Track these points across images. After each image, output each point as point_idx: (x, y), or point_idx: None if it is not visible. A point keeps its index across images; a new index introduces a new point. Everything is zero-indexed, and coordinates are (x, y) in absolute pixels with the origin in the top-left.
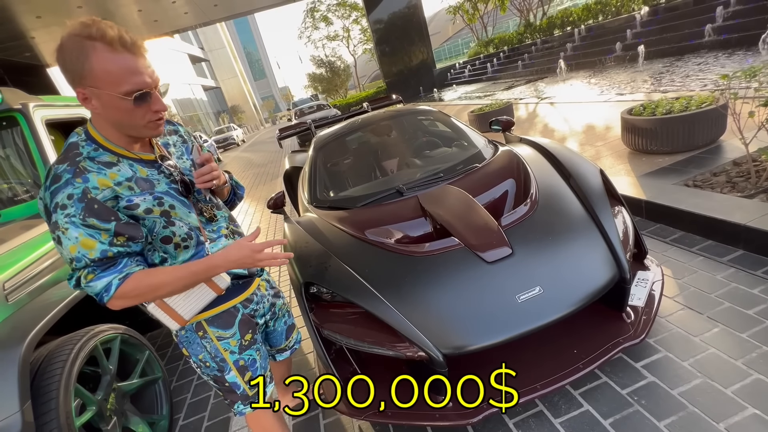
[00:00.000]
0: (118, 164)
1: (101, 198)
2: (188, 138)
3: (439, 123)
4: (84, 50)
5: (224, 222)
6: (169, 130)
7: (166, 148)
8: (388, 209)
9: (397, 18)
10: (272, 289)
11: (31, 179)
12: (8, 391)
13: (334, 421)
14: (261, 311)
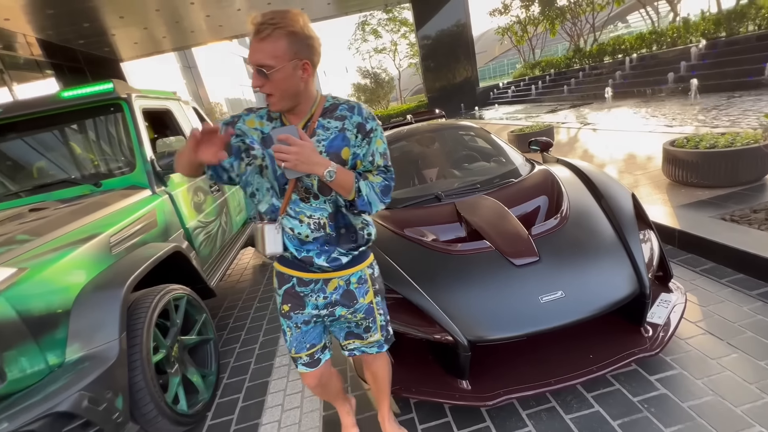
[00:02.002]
0: (270, 121)
1: (236, 124)
2: (350, 127)
3: (479, 139)
4: None
5: (316, 211)
6: (337, 115)
7: (320, 128)
8: (426, 212)
9: (444, 35)
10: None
11: (128, 157)
12: (112, 322)
13: (361, 395)
14: (313, 301)
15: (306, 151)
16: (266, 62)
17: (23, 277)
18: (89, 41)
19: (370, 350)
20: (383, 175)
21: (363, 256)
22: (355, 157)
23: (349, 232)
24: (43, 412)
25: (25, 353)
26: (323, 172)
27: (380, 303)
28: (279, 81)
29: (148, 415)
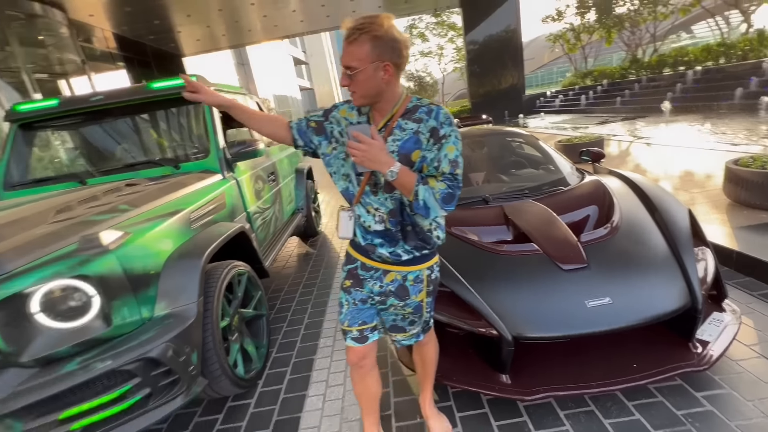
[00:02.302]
0: (359, 114)
1: (331, 114)
2: (424, 131)
3: (529, 146)
4: None
5: (380, 205)
6: (415, 117)
7: (398, 128)
8: (472, 213)
9: (493, 40)
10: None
11: (203, 144)
12: (192, 286)
13: (401, 380)
14: (370, 286)
15: (373, 149)
16: (351, 64)
17: (128, 240)
18: (158, 37)
19: (409, 341)
20: (448, 182)
21: (425, 258)
22: (423, 161)
23: (417, 230)
24: (138, 356)
25: (126, 305)
26: (386, 170)
27: (430, 303)
28: (361, 81)
29: (214, 372)
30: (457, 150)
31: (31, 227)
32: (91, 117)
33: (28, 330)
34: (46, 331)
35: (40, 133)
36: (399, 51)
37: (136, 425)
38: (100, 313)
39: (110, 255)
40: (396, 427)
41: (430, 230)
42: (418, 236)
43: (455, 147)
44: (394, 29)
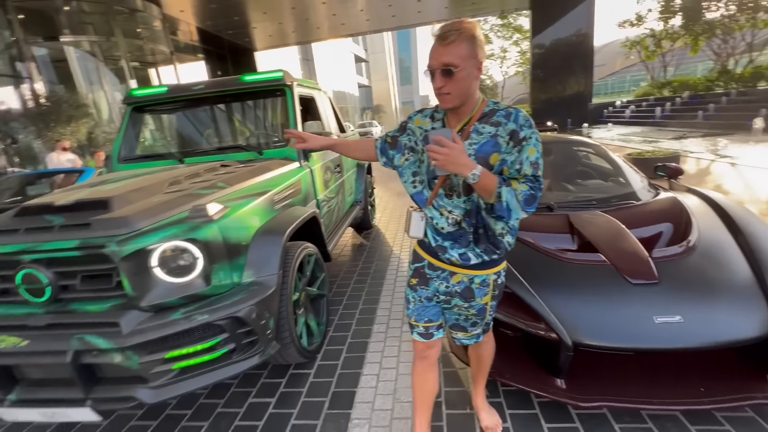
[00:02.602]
0: (434, 122)
1: (407, 124)
2: (503, 134)
3: (598, 157)
4: None
5: (455, 208)
6: (492, 121)
7: (475, 132)
8: (536, 218)
9: (561, 45)
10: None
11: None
12: (275, 260)
13: (452, 372)
14: (436, 285)
15: (455, 153)
16: (454, 62)
17: (227, 213)
18: (235, 32)
19: (469, 341)
20: (530, 184)
21: (494, 263)
22: (503, 164)
23: (488, 234)
24: (228, 314)
25: (222, 269)
26: (468, 173)
27: (494, 306)
28: (461, 80)
29: (285, 339)
30: (537, 152)
31: (151, 195)
32: (192, 104)
33: (148, 280)
34: (161, 283)
35: (148, 116)
36: (485, 51)
37: (220, 374)
38: (202, 273)
39: (214, 225)
40: (446, 414)
41: (501, 234)
42: (489, 240)
43: (536, 149)
44: (481, 32)
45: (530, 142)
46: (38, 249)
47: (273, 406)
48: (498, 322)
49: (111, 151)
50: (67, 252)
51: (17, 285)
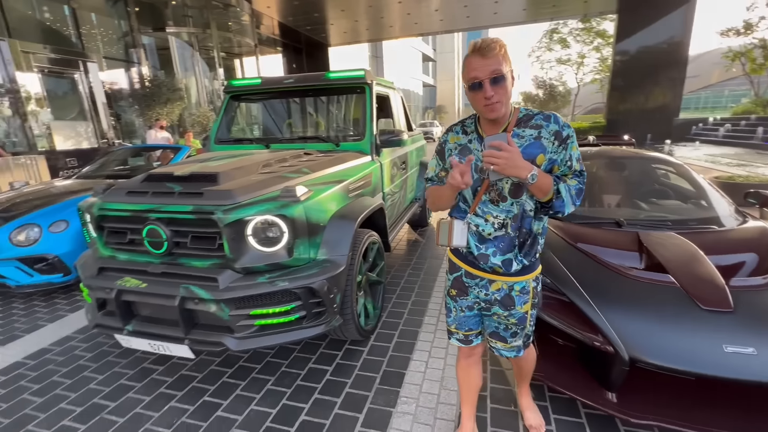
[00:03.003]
0: (467, 135)
1: (445, 147)
2: (547, 136)
3: (678, 177)
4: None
5: (501, 213)
6: (532, 124)
7: (515, 136)
8: (602, 233)
9: (649, 52)
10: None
11: (361, 128)
12: (346, 242)
13: (499, 371)
14: (476, 293)
15: (514, 156)
16: (502, 70)
17: (310, 196)
18: (313, 28)
19: (509, 353)
20: (578, 178)
21: (532, 267)
22: (552, 163)
23: (529, 238)
24: (304, 284)
25: (302, 244)
26: (527, 175)
27: (534, 315)
28: (506, 88)
29: (347, 315)
30: (578, 149)
31: (248, 174)
32: (280, 95)
33: (243, 246)
34: (252, 250)
35: (242, 104)
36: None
37: (290, 336)
38: (287, 245)
39: (300, 205)
40: (491, 408)
41: (539, 234)
42: (530, 243)
43: (576, 146)
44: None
45: (572, 140)
46: (161, 209)
47: (330, 373)
48: (552, 328)
49: (209, 132)
50: (184, 215)
51: (143, 237)
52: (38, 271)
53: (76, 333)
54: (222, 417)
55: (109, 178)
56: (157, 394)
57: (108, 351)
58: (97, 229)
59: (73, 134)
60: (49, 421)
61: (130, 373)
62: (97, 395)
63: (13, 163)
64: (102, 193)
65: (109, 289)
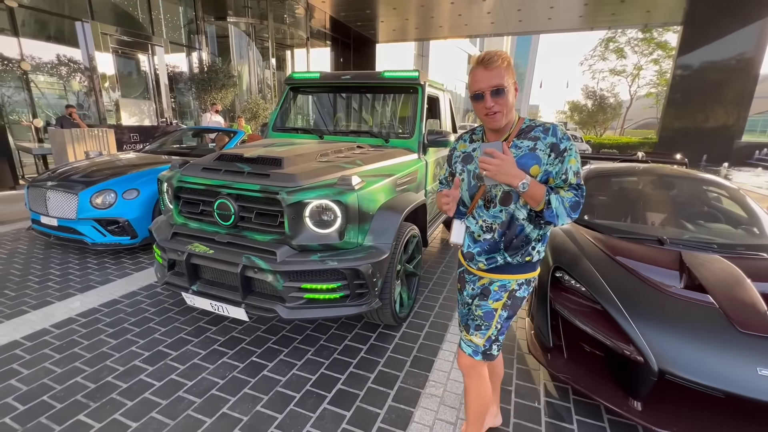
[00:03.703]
0: (473, 143)
1: (453, 154)
2: (543, 147)
3: (731, 201)
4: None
5: (489, 218)
6: (530, 136)
7: (513, 147)
8: (643, 249)
9: (714, 68)
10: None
11: (410, 127)
12: (391, 232)
13: (525, 370)
14: (468, 289)
15: (506, 163)
16: (502, 83)
17: (363, 186)
18: (364, 24)
19: (465, 348)
20: (574, 191)
21: (519, 268)
22: (547, 174)
23: (520, 241)
24: (351, 266)
25: (352, 229)
26: (518, 183)
27: (503, 320)
28: (507, 100)
29: (385, 300)
30: (577, 162)
31: (308, 161)
32: (336, 90)
33: (300, 226)
34: (308, 230)
35: (299, 95)
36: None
37: (334, 311)
38: (339, 229)
39: (354, 193)
40: (514, 402)
41: (536, 240)
42: (519, 246)
43: (576, 159)
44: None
45: (570, 153)
46: (232, 186)
47: (364, 351)
48: (581, 334)
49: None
50: (252, 192)
51: (214, 210)
52: (110, 232)
53: (141, 289)
54: (268, 376)
55: (171, 155)
56: (212, 350)
57: (169, 308)
58: (174, 198)
59: (137, 111)
60: (124, 359)
61: (188, 329)
62: (161, 344)
63: (88, 135)
64: (179, 168)
65: (181, 252)
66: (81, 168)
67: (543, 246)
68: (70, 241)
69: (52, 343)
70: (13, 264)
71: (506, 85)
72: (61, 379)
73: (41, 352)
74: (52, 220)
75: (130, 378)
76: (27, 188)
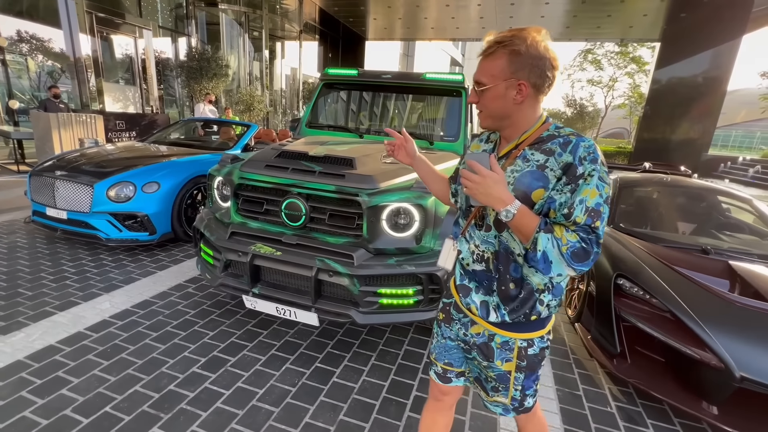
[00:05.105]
0: (487, 143)
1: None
2: (554, 166)
3: (753, 214)
4: None
5: (481, 243)
6: (545, 148)
7: (522, 158)
8: (693, 258)
9: (684, 84)
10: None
11: (455, 130)
12: None
13: (585, 375)
14: (456, 329)
15: (487, 182)
16: (481, 80)
17: None
18: (355, 20)
19: (494, 408)
20: (582, 234)
21: (522, 327)
22: (551, 203)
23: (519, 289)
24: (428, 270)
25: (427, 234)
26: (500, 209)
27: (522, 380)
28: (489, 99)
29: None
30: (600, 196)
31: (375, 162)
32: (374, 89)
33: (378, 229)
34: (386, 234)
35: (333, 92)
36: (541, 70)
37: (405, 317)
38: (416, 233)
39: (431, 197)
40: (588, 407)
41: (539, 291)
42: (518, 296)
43: (598, 192)
44: (541, 45)
45: (590, 182)
46: (304, 186)
47: (426, 356)
48: (646, 340)
49: (259, 111)
50: (327, 193)
51: (281, 209)
52: (127, 227)
53: (172, 290)
54: (339, 383)
55: (177, 145)
56: (271, 355)
57: (209, 310)
58: (233, 196)
59: (122, 97)
60: (180, 365)
61: (238, 332)
62: (215, 349)
63: (76, 120)
64: (230, 163)
65: (242, 252)
66: (91, 157)
67: (556, 298)
68: (80, 235)
69: (93, 348)
70: (18, 260)
71: (486, 84)
72: (119, 388)
73: (86, 359)
74: (60, 213)
75: (193, 386)
76: (29, 176)
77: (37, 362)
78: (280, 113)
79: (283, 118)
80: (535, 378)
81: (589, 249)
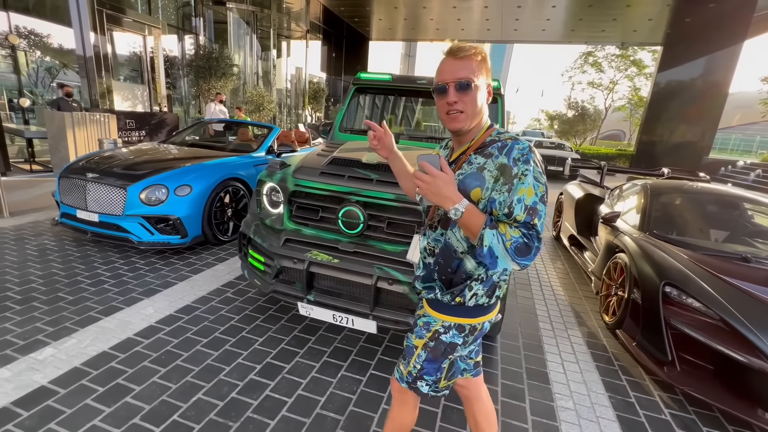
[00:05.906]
0: (443, 150)
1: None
2: (491, 168)
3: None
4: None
5: (431, 240)
6: (486, 152)
7: (468, 162)
8: (736, 266)
9: (686, 87)
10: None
11: None
12: None
13: (633, 382)
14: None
15: (437, 183)
16: (469, 76)
17: None
18: (360, 20)
19: (396, 371)
20: (524, 230)
21: (450, 309)
22: (492, 203)
23: (455, 277)
24: None
25: None
26: (449, 207)
27: (422, 361)
28: (473, 97)
29: (503, 313)
30: (535, 194)
31: None
32: (407, 94)
33: None
34: None
35: (366, 97)
36: (491, 79)
37: None
38: None
39: None
40: (643, 414)
41: (470, 278)
42: (452, 279)
43: (533, 190)
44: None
45: (524, 181)
46: (362, 194)
47: None
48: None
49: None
50: (386, 201)
51: (338, 217)
52: (159, 230)
53: (211, 294)
54: None
55: (197, 147)
56: (324, 362)
57: (253, 315)
58: (287, 203)
59: (130, 96)
60: (237, 372)
61: (286, 339)
62: (267, 356)
63: (90, 119)
64: (280, 169)
65: (298, 259)
66: (121, 159)
67: (484, 289)
68: (111, 238)
69: (148, 354)
70: (51, 263)
71: (475, 81)
72: (181, 396)
73: (142, 365)
74: (92, 216)
75: (255, 394)
76: (59, 178)
77: (94, 369)
78: (285, 113)
79: (288, 117)
80: (437, 368)
81: (530, 244)
